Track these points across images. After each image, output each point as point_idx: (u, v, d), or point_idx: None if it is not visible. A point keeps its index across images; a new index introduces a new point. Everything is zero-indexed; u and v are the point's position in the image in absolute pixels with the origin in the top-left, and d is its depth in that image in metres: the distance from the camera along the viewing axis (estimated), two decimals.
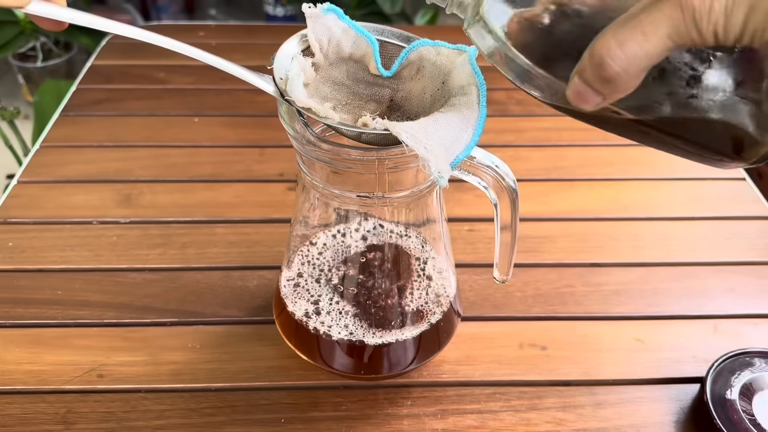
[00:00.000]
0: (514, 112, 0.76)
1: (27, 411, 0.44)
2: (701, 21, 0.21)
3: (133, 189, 0.64)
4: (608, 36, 0.23)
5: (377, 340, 0.42)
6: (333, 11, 0.35)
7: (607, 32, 0.24)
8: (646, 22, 0.22)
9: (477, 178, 0.37)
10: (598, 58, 0.24)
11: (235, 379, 0.47)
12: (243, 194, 0.64)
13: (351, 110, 0.36)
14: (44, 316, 0.51)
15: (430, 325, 0.44)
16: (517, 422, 0.45)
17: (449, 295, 0.45)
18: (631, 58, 0.23)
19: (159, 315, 0.51)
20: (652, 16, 0.22)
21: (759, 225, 0.62)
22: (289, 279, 0.44)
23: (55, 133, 0.71)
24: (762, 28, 0.21)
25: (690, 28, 0.22)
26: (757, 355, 0.46)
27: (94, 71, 0.83)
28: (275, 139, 0.71)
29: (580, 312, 0.53)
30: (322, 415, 0.45)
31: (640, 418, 0.45)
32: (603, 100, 0.25)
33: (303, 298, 0.43)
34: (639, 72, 0.24)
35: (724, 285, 0.55)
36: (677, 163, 0.70)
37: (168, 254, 0.57)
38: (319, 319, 0.42)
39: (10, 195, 0.63)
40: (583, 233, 0.60)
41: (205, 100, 0.77)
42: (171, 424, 0.44)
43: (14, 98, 1.74)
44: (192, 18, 1.95)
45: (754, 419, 0.42)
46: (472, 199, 0.63)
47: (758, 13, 0.20)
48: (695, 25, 0.22)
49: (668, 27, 0.22)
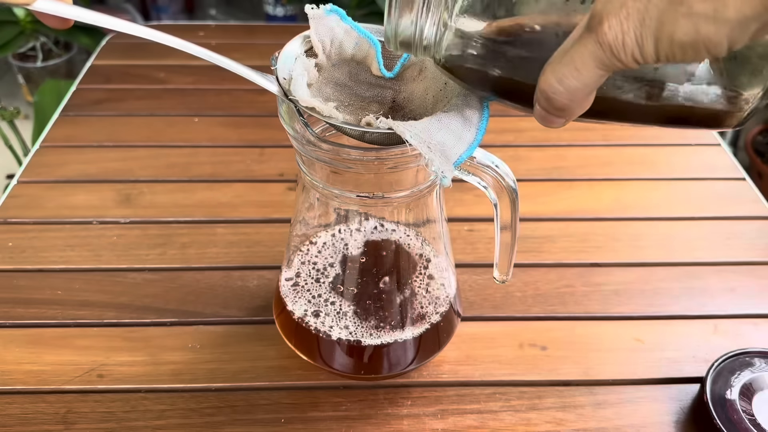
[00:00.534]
0: (514, 112, 0.76)
1: (27, 411, 0.44)
2: (619, 54, 0.23)
3: (133, 189, 0.64)
4: (548, 73, 0.26)
5: (377, 340, 0.42)
6: (335, 12, 0.35)
7: (547, 70, 0.26)
8: (576, 57, 0.25)
9: (477, 178, 0.37)
10: (544, 93, 0.26)
11: (235, 379, 0.47)
12: (243, 194, 0.64)
13: (353, 111, 0.36)
14: (44, 316, 0.51)
15: (430, 325, 0.44)
16: (517, 422, 0.45)
17: (449, 295, 0.45)
18: (572, 91, 0.25)
19: (159, 315, 0.51)
20: (579, 53, 0.24)
21: (759, 225, 0.62)
22: (289, 279, 0.44)
23: (55, 133, 0.71)
24: (672, 52, 0.23)
25: (612, 60, 0.24)
26: (757, 355, 0.46)
27: (94, 71, 0.83)
28: (275, 139, 0.71)
29: (580, 312, 0.53)
30: (322, 415, 0.45)
31: (640, 418, 0.45)
32: (566, 120, 0.27)
33: (303, 298, 0.43)
34: (585, 97, 0.26)
35: (724, 285, 0.55)
36: (677, 163, 0.70)
37: (168, 254, 0.57)
38: (319, 319, 0.42)
39: (10, 195, 0.63)
40: (583, 233, 0.60)
41: (205, 100, 0.77)
42: (171, 424, 0.44)
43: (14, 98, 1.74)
44: (192, 18, 1.95)
45: (754, 419, 0.42)
46: (472, 199, 0.63)
47: (663, 42, 0.22)
48: (616, 58, 0.24)
49: (595, 60, 0.24)
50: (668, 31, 0.22)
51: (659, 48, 0.23)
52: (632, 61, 0.24)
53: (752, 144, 1.47)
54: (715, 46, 0.22)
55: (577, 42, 0.24)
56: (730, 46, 0.22)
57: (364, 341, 0.42)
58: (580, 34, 0.24)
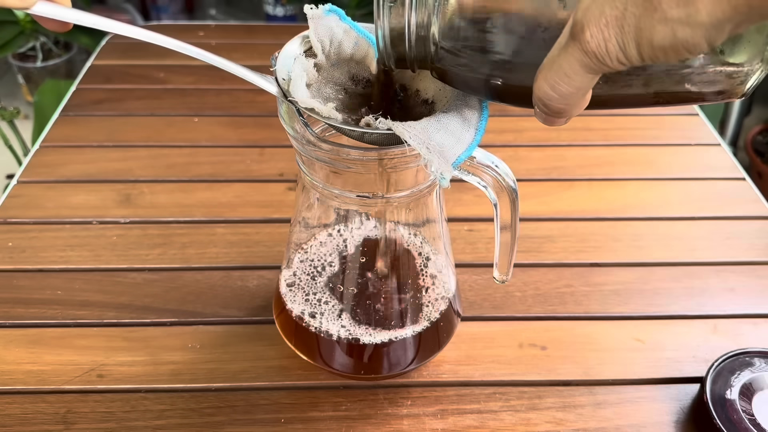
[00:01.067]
0: (514, 112, 0.76)
1: (27, 411, 0.44)
2: (605, 60, 0.24)
3: (133, 189, 0.64)
4: (540, 81, 0.26)
5: (377, 340, 0.42)
6: (335, 12, 0.35)
7: (539, 77, 0.26)
8: (564, 65, 0.25)
9: (477, 177, 0.37)
10: (540, 100, 0.27)
11: (235, 379, 0.47)
12: (243, 194, 0.64)
13: (353, 111, 0.36)
14: (44, 316, 0.51)
15: (429, 324, 0.44)
16: (517, 422, 0.45)
17: (449, 295, 0.45)
18: (566, 96, 0.26)
19: (159, 315, 0.51)
20: (566, 60, 0.25)
21: (759, 225, 0.62)
22: (289, 278, 0.44)
23: (55, 133, 0.71)
24: (655, 55, 0.23)
25: (599, 65, 0.24)
26: (757, 355, 0.46)
27: (94, 71, 0.83)
28: (275, 139, 0.71)
29: (580, 312, 0.53)
30: (322, 415, 0.45)
31: (640, 418, 0.45)
32: (567, 119, 0.28)
33: (303, 298, 0.43)
34: (580, 98, 0.26)
35: (724, 285, 0.55)
36: (677, 163, 0.70)
37: (168, 254, 0.57)
38: (319, 319, 0.42)
39: (10, 195, 0.63)
40: (583, 233, 0.60)
41: (205, 100, 0.77)
42: (171, 424, 0.44)
43: (14, 98, 1.74)
44: (192, 18, 1.95)
45: (753, 419, 0.42)
46: (472, 199, 0.63)
47: (645, 46, 0.23)
48: (602, 63, 0.24)
49: (583, 66, 0.24)
50: (647, 37, 0.22)
51: (642, 52, 0.23)
52: (619, 64, 0.24)
53: (752, 144, 1.47)
54: (694, 47, 0.22)
55: (563, 50, 0.25)
56: (710, 45, 0.22)
57: (364, 341, 0.42)
58: (566, 42, 0.24)
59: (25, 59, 1.65)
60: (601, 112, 0.76)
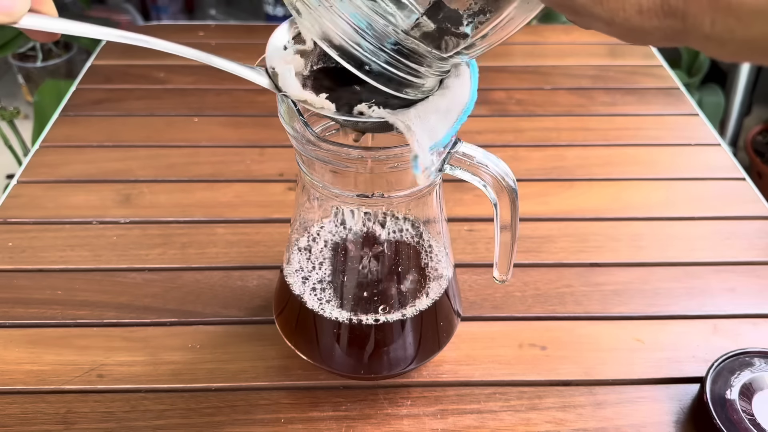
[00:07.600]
0: (513, 112, 0.76)
1: (27, 411, 0.44)
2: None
3: (133, 189, 0.64)
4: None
5: (377, 340, 0.42)
6: None
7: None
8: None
9: (477, 177, 0.37)
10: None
11: (235, 379, 0.47)
12: (243, 194, 0.64)
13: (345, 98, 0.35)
14: (44, 316, 0.51)
15: (429, 324, 0.44)
16: (517, 422, 0.45)
17: (449, 295, 0.45)
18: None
19: (159, 315, 0.51)
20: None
21: (759, 225, 0.62)
22: (289, 278, 0.44)
23: (55, 133, 0.71)
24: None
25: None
26: (757, 355, 0.46)
27: (94, 71, 0.83)
28: (275, 139, 0.71)
29: (580, 312, 0.53)
30: (322, 415, 0.45)
31: (640, 418, 0.45)
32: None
33: (302, 298, 0.43)
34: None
35: (724, 285, 0.55)
36: (677, 163, 0.70)
37: (168, 254, 0.57)
38: (319, 319, 0.42)
39: (10, 195, 0.63)
40: (583, 233, 0.60)
41: (205, 100, 0.77)
42: (171, 424, 0.44)
43: (14, 98, 1.74)
44: (192, 18, 1.95)
45: (753, 419, 0.42)
46: (472, 199, 0.63)
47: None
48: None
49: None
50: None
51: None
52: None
53: (752, 144, 1.47)
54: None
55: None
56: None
57: (364, 341, 0.42)
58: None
59: (25, 59, 1.65)
60: (601, 112, 0.76)
